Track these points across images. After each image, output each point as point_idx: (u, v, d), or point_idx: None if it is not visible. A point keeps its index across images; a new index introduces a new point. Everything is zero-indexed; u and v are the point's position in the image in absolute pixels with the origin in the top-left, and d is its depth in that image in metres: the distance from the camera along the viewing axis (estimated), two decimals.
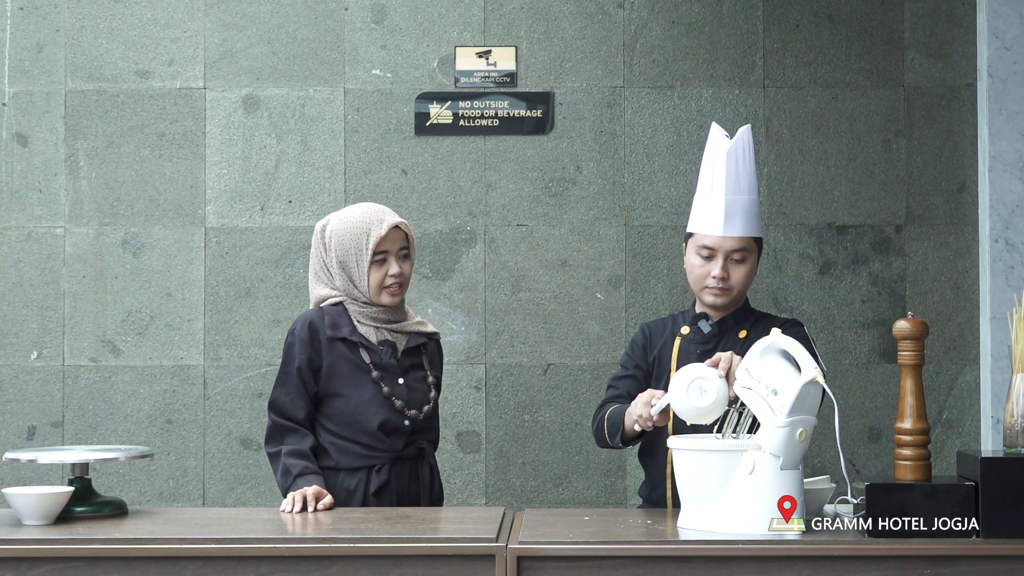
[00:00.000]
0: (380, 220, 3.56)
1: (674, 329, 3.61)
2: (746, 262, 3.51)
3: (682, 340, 3.58)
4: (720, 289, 3.50)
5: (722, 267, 3.49)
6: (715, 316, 3.56)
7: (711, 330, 3.54)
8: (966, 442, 4.90)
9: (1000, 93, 4.83)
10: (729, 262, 3.49)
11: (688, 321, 3.60)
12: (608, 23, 4.99)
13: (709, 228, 3.50)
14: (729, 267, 3.50)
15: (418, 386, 3.61)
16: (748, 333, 3.52)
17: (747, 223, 3.50)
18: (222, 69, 5.01)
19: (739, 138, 3.55)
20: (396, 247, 3.58)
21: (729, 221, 3.49)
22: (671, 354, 3.57)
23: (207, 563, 2.88)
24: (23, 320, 4.99)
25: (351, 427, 3.54)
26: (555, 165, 4.98)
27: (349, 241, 3.55)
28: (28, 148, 5.00)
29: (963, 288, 4.95)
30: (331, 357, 3.55)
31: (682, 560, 2.85)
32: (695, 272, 3.53)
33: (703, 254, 3.51)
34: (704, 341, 3.54)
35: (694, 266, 3.53)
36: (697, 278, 3.53)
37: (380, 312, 3.59)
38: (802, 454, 2.97)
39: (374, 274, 3.55)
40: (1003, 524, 2.87)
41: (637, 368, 3.62)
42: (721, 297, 3.51)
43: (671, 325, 3.64)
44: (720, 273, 3.49)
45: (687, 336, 3.57)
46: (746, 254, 3.50)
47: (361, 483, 3.52)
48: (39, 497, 3.12)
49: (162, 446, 4.95)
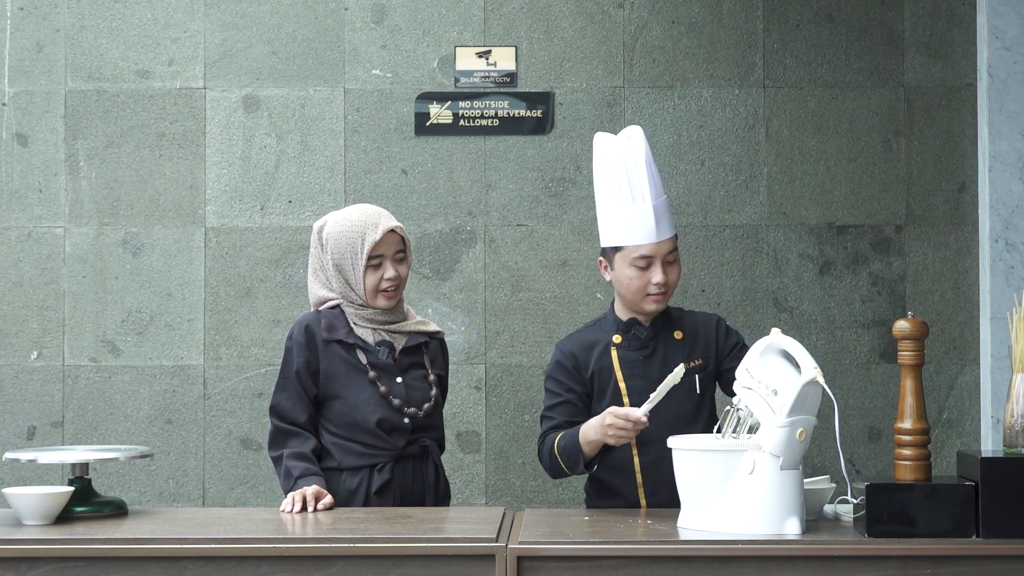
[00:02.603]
0: (375, 224, 3.56)
1: (602, 340, 3.60)
2: (677, 261, 3.57)
3: (618, 350, 3.57)
4: (662, 295, 3.53)
5: (662, 272, 3.52)
6: (646, 320, 3.59)
7: (647, 334, 3.56)
8: (966, 442, 4.90)
9: (1000, 93, 4.83)
10: (665, 266, 3.53)
11: (617, 329, 3.60)
12: (608, 23, 4.99)
13: (643, 237, 3.51)
14: (667, 271, 3.53)
15: (418, 384, 3.61)
16: (684, 334, 3.58)
17: (671, 223, 3.56)
18: (222, 69, 5.01)
19: (643, 141, 3.57)
20: (392, 251, 3.58)
21: (660, 226, 3.52)
22: (612, 365, 3.56)
23: (207, 563, 2.88)
24: (23, 320, 4.99)
25: (351, 427, 3.54)
26: (555, 165, 4.98)
27: (344, 245, 3.55)
28: (28, 148, 5.00)
29: (963, 288, 4.95)
30: (328, 360, 3.55)
31: (682, 560, 2.85)
32: (634, 284, 3.53)
33: (640, 264, 3.52)
34: (642, 347, 3.56)
35: (631, 278, 3.53)
36: (637, 289, 3.53)
37: (377, 314, 3.59)
38: (802, 454, 2.97)
39: (369, 278, 3.56)
40: (1003, 524, 2.87)
41: (570, 392, 3.58)
42: (663, 302, 3.55)
43: (596, 337, 3.62)
44: (662, 279, 3.51)
45: (621, 345, 3.57)
46: (676, 254, 3.56)
47: (363, 482, 3.53)
48: (39, 497, 3.12)
49: (162, 446, 4.95)
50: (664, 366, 3.49)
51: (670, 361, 3.49)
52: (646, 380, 3.49)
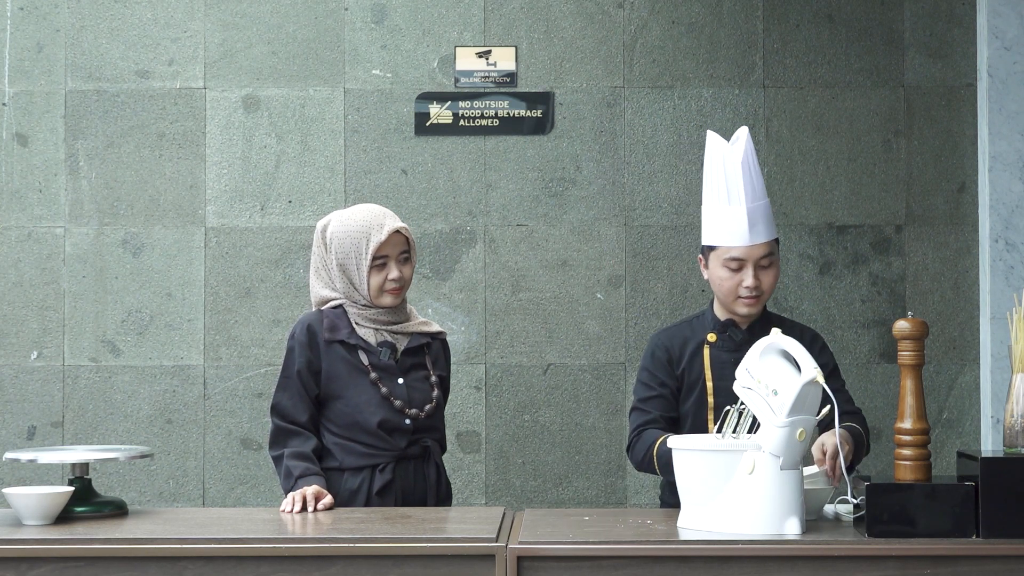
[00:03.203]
0: (380, 225, 3.55)
1: (697, 337, 3.60)
2: (773, 266, 3.53)
3: (711, 348, 3.57)
4: (754, 298, 3.51)
5: (754, 276, 3.49)
6: (743, 322, 3.57)
7: (743, 336, 3.54)
8: (966, 442, 4.90)
9: (1000, 93, 4.83)
10: (758, 270, 3.50)
11: (713, 328, 3.58)
12: (608, 23, 4.99)
13: (735, 239, 3.50)
14: (759, 275, 3.50)
15: (419, 386, 3.61)
16: None
17: (768, 227, 3.52)
18: (222, 69, 5.01)
19: (747, 143, 3.53)
20: (396, 251, 3.58)
21: (754, 229, 3.49)
22: (703, 364, 3.56)
23: (207, 563, 2.88)
24: (23, 320, 4.99)
25: (352, 428, 3.54)
26: (555, 165, 4.98)
27: (349, 245, 3.55)
28: (28, 148, 5.00)
29: (963, 288, 4.95)
30: (330, 360, 3.55)
31: (682, 560, 2.85)
32: (725, 285, 3.52)
33: (732, 266, 3.50)
34: (736, 349, 3.52)
35: (723, 279, 3.52)
36: (728, 291, 3.52)
37: (380, 314, 3.59)
38: (802, 454, 2.97)
39: (374, 278, 3.55)
40: (1003, 524, 2.87)
41: (663, 386, 3.58)
42: (755, 305, 3.52)
43: (691, 333, 3.61)
44: (752, 283, 3.49)
45: (715, 344, 3.56)
46: (772, 259, 3.52)
47: (365, 482, 3.52)
48: (39, 497, 3.12)
49: (162, 446, 4.95)
50: None
51: None
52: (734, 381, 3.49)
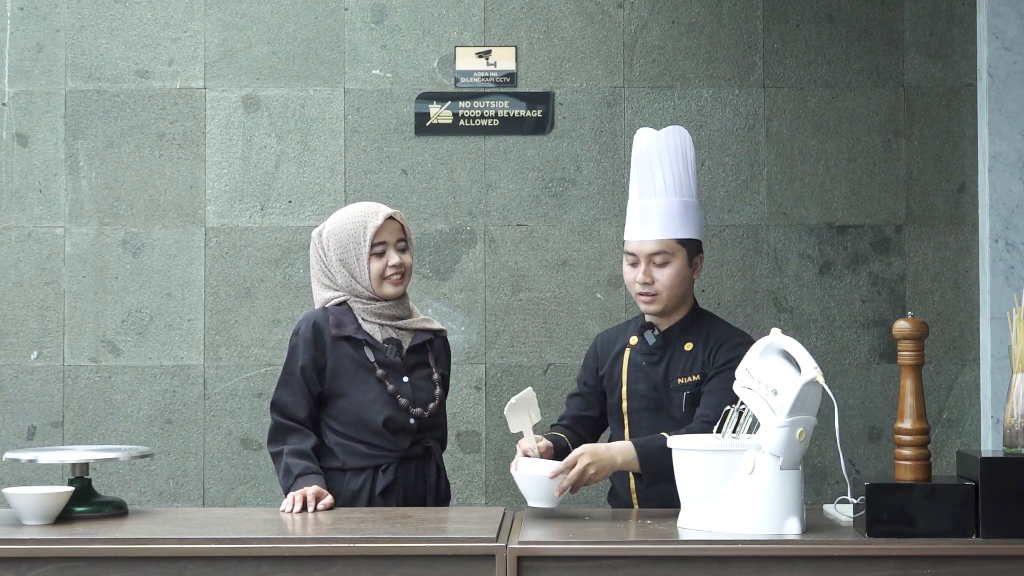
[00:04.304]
0: (375, 212, 3.59)
1: (623, 339, 3.58)
2: (669, 265, 3.45)
3: (631, 351, 3.55)
4: (647, 295, 3.46)
5: (644, 271, 3.45)
6: (662, 324, 3.53)
7: (656, 341, 3.51)
8: (966, 442, 4.90)
9: (1000, 93, 4.83)
10: (651, 266, 3.45)
11: (636, 331, 3.57)
12: (608, 23, 4.99)
13: (630, 233, 3.49)
14: (651, 271, 3.45)
15: (423, 384, 3.61)
16: (694, 346, 3.49)
17: (664, 226, 3.45)
18: (222, 69, 5.01)
19: (659, 138, 3.50)
20: (394, 238, 3.60)
21: (645, 224, 3.46)
22: (622, 367, 3.55)
23: (207, 563, 2.88)
24: (23, 320, 4.99)
25: (356, 426, 3.54)
26: (555, 165, 4.98)
27: (347, 237, 3.57)
28: (28, 148, 5.00)
29: (963, 288, 4.95)
30: (335, 356, 3.55)
31: (682, 560, 2.85)
32: (626, 279, 3.53)
33: (629, 260, 3.50)
34: (650, 353, 3.51)
35: (624, 272, 3.53)
36: (628, 284, 3.52)
37: (385, 308, 3.59)
38: (802, 454, 2.97)
39: (374, 265, 3.56)
40: (1003, 524, 2.87)
41: (585, 385, 3.63)
42: (651, 304, 3.47)
43: (622, 335, 3.60)
44: (642, 278, 3.45)
45: (635, 347, 3.54)
46: (667, 257, 3.45)
47: (367, 483, 3.52)
48: (39, 497, 3.12)
49: (162, 446, 4.95)
50: (667, 375, 3.47)
51: (674, 371, 3.48)
52: (646, 385, 3.48)
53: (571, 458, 3.22)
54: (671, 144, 3.49)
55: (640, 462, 3.27)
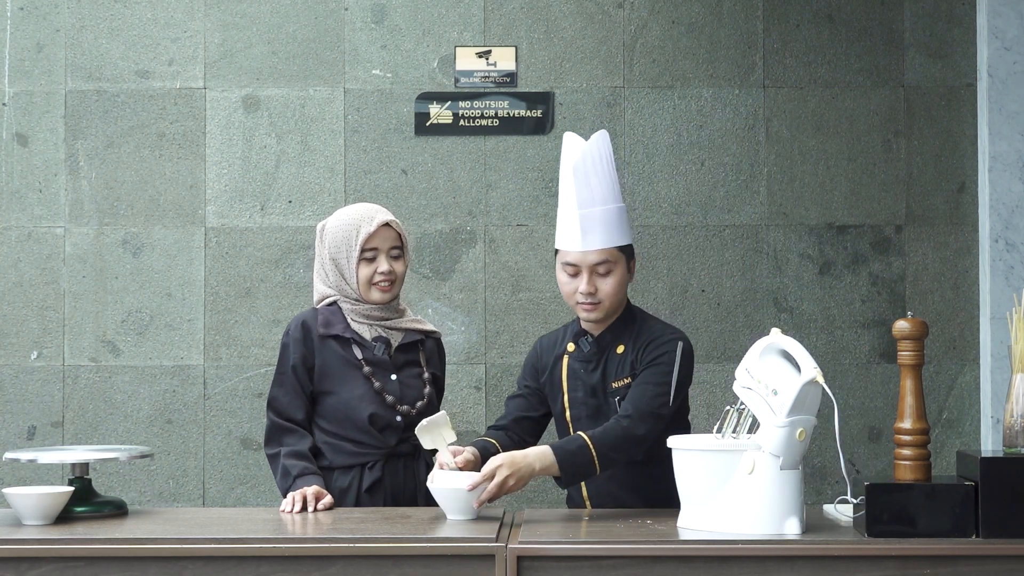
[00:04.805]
0: (371, 218, 3.59)
1: (561, 346, 3.57)
2: (612, 274, 3.44)
3: (569, 358, 3.54)
4: (590, 304, 3.45)
5: (588, 282, 3.43)
6: (595, 330, 3.52)
7: (591, 348, 3.50)
8: (966, 442, 4.90)
9: (1000, 93, 4.84)
10: (594, 276, 3.44)
11: (572, 337, 3.55)
12: (608, 23, 4.99)
13: (569, 244, 3.46)
14: (595, 281, 3.44)
15: (412, 383, 3.62)
16: (625, 348, 3.47)
17: (606, 235, 3.43)
18: (222, 69, 5.01)
19: (589, 146, 3.48)
20: (387, 246, 3.60)
21: (586, 236, 3.43)
22: (561, 374, 3.54)
23: (207, 563, 2.88)
24: (23, 320, 4.99)
25: (343, 424, 3.55)
26: (555, 165, 4.98)
27: (340, 237, 3.58)
28: (28, 148, 5.00)
29: (963, 288, 4.95)
30: (324, 355, 3.56)
31: (682, 560, 2.85)
32: (564, 289, 3.49)
33: (568, 271, 3.47)
34: (587, 360, 3.51)
35: (563, 283, 3.49)
36: (567, 295, 3.49)
37: (373, 309, 3.60)
38: (802, 454, 2.97)
39: (363, 270, 3.57)
40: (1003, 524, 2.87)
41: (527, 387, 3.61)
42: (593, 312, 3.46)
43: (559, 340, 3.59)
44: (586, 288, 3.43)
45: (572, 354, 3.54)
46: (611, 266, 3.44)
47: (354, 481, 3.53)
48: (39, 497, 3.12)
49: (162, 446, 4.95)
50: (604, 379, 3.47)
51: (610, 375, 3.47)
52: (585, 392, 3.49)
53: (488, 469, 3.20)
54: (601, 151, 3.49)
55: (559, 464, 3.28)
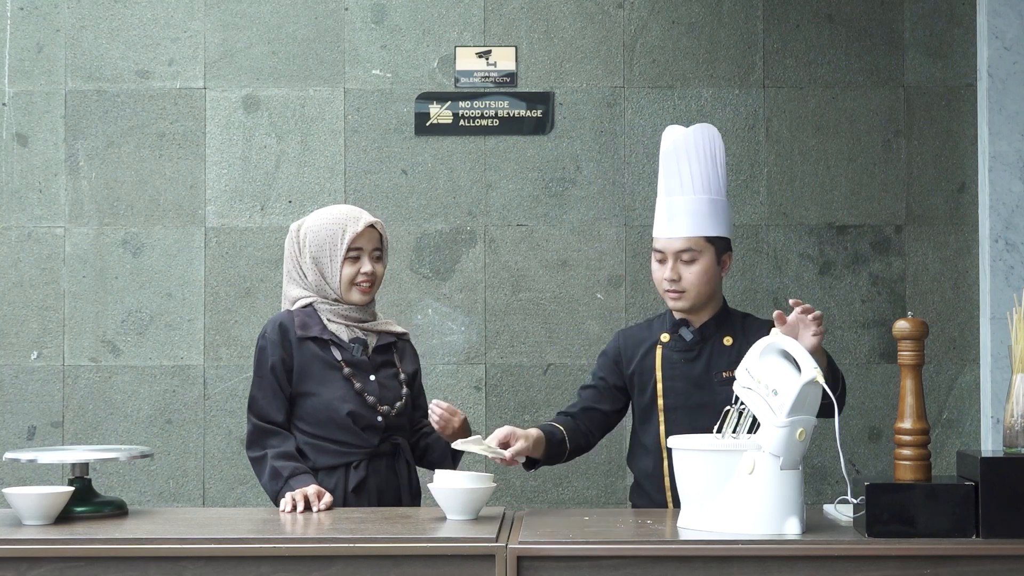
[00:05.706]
0: (356, 218, 3.60)
1: (652, 337, 3.57)
2: (696, 262, 3.45)
3: (663, 348, 3.54)
4: (675, 292, 3.46)
5: (672, 268, 3.45)
6: (695, 321, 3.52)
7: (693, 337, 3.51)
8: (966, 442, 4.91)
9: (1000, 93, 4.84)
10: (678, 263, 3.45)
11: (667, 328, 3.55)
12: (608, 23, 4.99)
13: (657, 230, 3.50)
14: (679, 268, 3.45)
15: (390, 383, 3.63)
16: (734, 340, 3.49)
17: (692, 222, 3.45)
18: (222, 69, 5.01)
19: (686, 136, 3.50)
20: (370, 246, 3.61)
21: (672, 222, 3.46)
22: (655, 363, 3.53)
23: (207, 563, 2.88)
24: (23, 320, 4.99)
25: (325, 424, 3.54)
26: (555, 165, 4.98)
27: (324, 236, 3.58)
28: (28, 148, 5.00)
29: (963, 288, 4.95)
30: (302, 357, 3.56)
31: (682, 560, 2.85)
32: (654, 276, 3.52)
33: (657, 257, 3.50)
34: (687, 349, 3.50)
35: (653, 270, 3.52)
36: (656, 282, 3.52)
37: (350, 310, 3.61)
38: (802, 454, 2.97)
39: (346, 270, 3.58)
40: (1003, 524, 2.87)
41: (602, 380, 3.60)
42: (679, 301, 3.47)
43: (649, 333, 3.58)
44: (670, 275, 3.45)
45: (668, 344, 3.53)
46: (695, 254, 3.45)
47: (340, 481, 3.53)
48: (39, 497, 3.12)
49: (162, 446, 4.95)
50: (708, 370, 3.47)
51: (714, 366, 3.47)
52: (685, 382, 3.48)
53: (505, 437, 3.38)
54: (699, 141, 3.50)
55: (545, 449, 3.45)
